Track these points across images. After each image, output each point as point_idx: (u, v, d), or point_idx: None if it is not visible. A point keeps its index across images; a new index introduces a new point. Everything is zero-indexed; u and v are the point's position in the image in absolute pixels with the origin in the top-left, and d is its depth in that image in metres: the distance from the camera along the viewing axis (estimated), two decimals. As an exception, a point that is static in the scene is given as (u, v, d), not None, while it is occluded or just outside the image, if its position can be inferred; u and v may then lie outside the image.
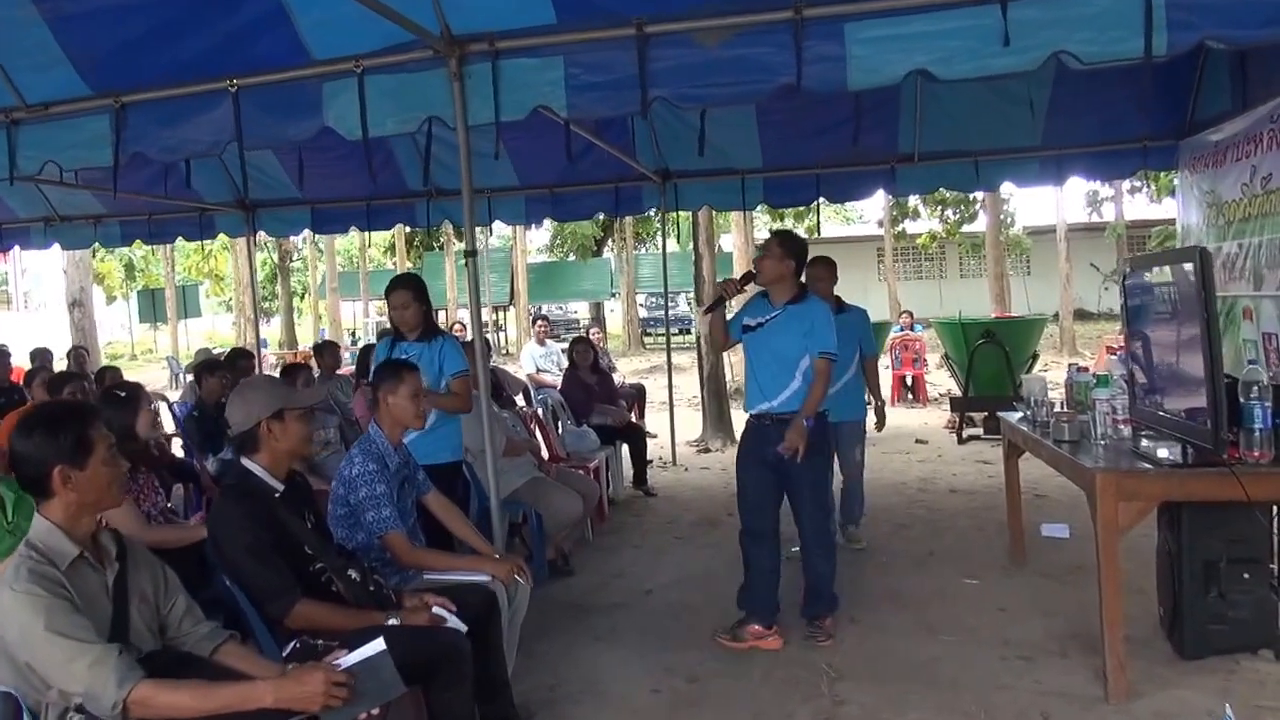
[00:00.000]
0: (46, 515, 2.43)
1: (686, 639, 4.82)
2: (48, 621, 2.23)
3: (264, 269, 41.04)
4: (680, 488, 8.66)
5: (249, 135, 4.49)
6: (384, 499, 3.68)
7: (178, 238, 10.36)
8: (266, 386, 3.26)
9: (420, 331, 4.97)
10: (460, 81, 4.26)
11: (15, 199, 9.21)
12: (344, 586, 3.15)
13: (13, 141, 4.78)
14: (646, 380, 14.19)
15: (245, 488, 3.13)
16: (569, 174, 8.48)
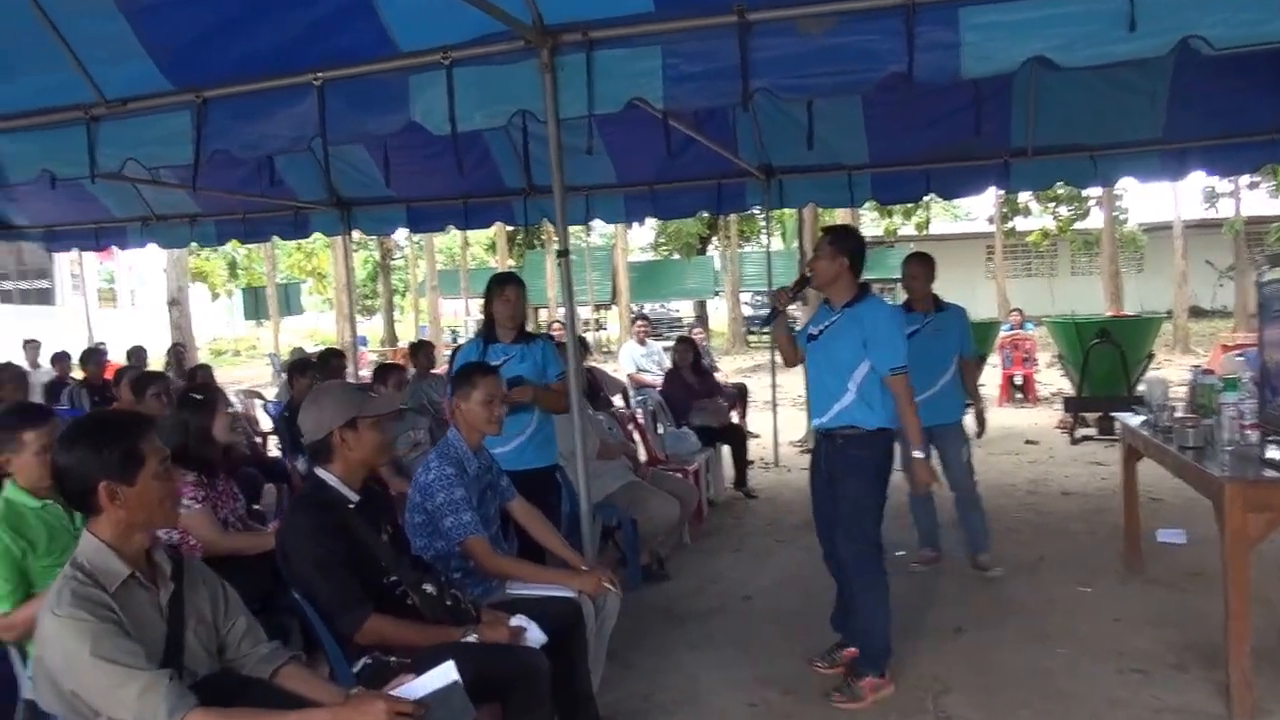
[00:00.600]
0: (95, 533, 2.34)
1: (786, 648, 4.70)
2: (94, 647, 2.14)
3: (366, 267, 42.04)
4: (782, 489, 8.47)
5: (333, 130, 4.43)
6: (463, 503, 3.58)
7: (272, 236, 10.52)
8: (339, 394, 3.18)
9: (514, 334, 4.86)
10: (552, 73, 4.15)
11: (112, 198, 9.47)
12: (419, 600, 3.05)
13: (93, 138, 4.79)
14: (750, 379, 13.99)
15: (318, 499, 3.06)
16: (669, 170, 8.35)
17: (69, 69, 4.61)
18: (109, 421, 2.48)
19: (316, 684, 2.56)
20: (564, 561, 3.87)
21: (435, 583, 3.11)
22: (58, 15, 4.41)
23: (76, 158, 4.85)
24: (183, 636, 2.39)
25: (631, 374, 10.54)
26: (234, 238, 10.37)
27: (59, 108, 4.82)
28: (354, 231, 10.11)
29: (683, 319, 37.63)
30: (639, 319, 12.50)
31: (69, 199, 9.23)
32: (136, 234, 10.29)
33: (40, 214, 10.22)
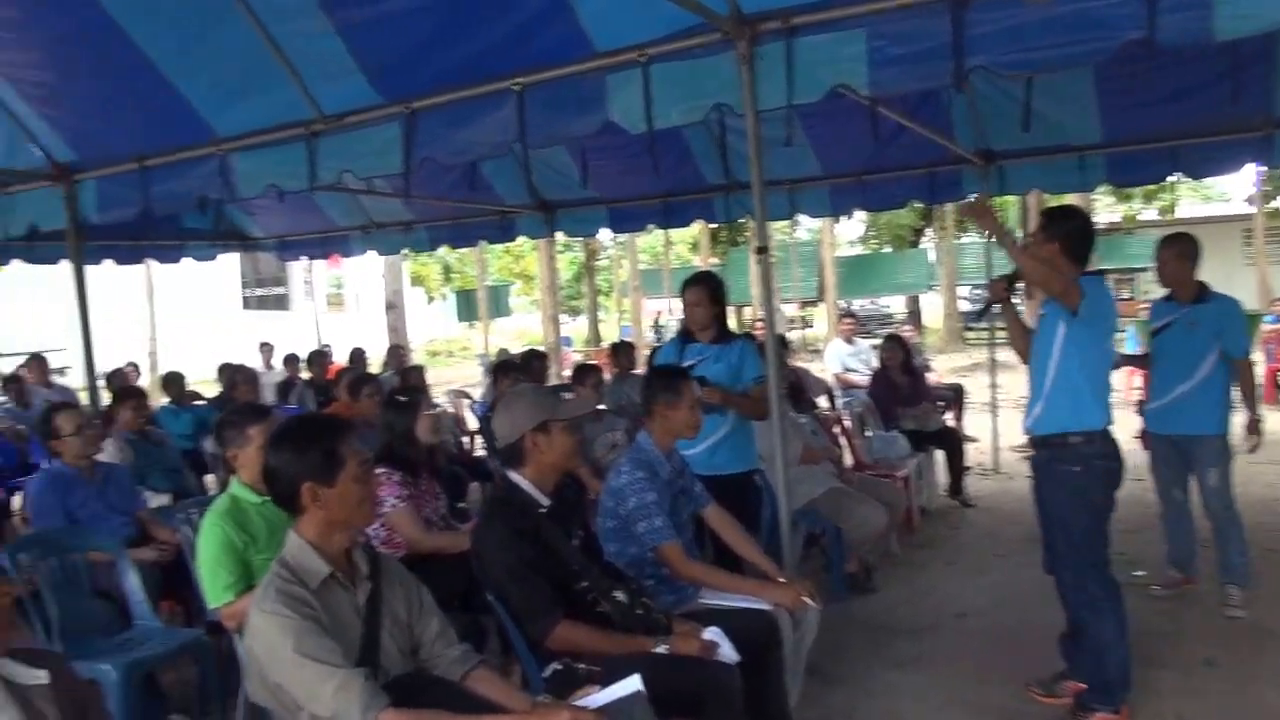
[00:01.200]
0: (300, 533, 2.49)
1: (1003, 673, 4.44)
2: (295, 643, 2.27)
3: (571, 268, 43.18)
4: (1003, 498, 8.06)
5: (532, 134, 4.55)
6: (655, 508, 3.58)
7: (480, 240, 10.94)
8: (531, 397, 3.23)
9: (713, 333, 4.84)
10: (750, 64, 4.09)
11: (336, 209, 10.13)
12: (610, 607, 3.07)
13: (313, 152, 5.10)
14: (966, 379, 13.46)
15: (510, 503, 3.13)
16: (878, 160, 8.09)
17: (291, 89, 4.93)
18: (310, 425, 2.64)
19: (505, 689, 2.61)
20: (761, 572, 3.80)
21: (626, 590, 3.12)
22: (282, 39, 4.73)
23: (298, 171, 5.18)
24: (378, 636, 2.50)
25: (838, 374, 10.34)
26: (444, 242, 10.89)
27: (282, 125, 5.16)
28: (557, 233, 10.36)
29: (894, 315, 36.67)
30: (845, 316, 12.24)
31: (297, 210, 9.95)
32: (357, 241, 10.98)
33: (273, 225, 11.10)
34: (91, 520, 4.61)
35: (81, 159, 5.92)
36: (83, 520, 4.61)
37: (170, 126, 5.35)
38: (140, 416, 6.38)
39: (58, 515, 4.59)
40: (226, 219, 10.46)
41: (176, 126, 5.32)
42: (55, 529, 4.49)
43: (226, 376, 9.01)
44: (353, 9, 4.49)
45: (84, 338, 6.55)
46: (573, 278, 44.02)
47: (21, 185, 6.16)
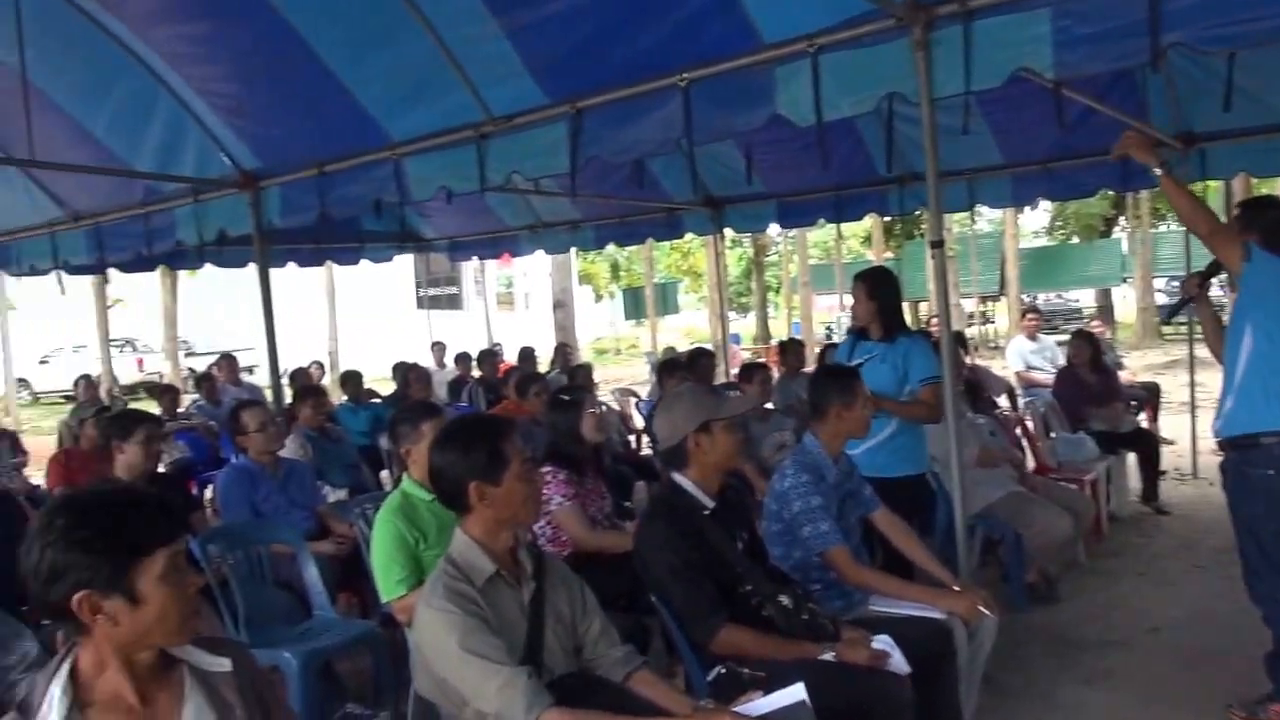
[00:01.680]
0: (467, 531, 2.55)
1: (1200, 694, 4.17)
2: (461, 640, 2.33)
3: (740, 264, 43.11)
4: (1202, 505, 7.55)
5: (698, 130, 4.55)
6: (821, 512, 3.52)
7: (647, 238, 11.03)
8: (691, 398, 3.23)
9: (881, 330, 4.75)
10: (925, 51, 3.98)
11: (505, 209, 10.41)
12: (774, 612, 3.03)
13: (482, 154, 5.26)
14: (1163, 377, 12.77)
15: (673, 504, 3.13)
16: (1064, 146, 7.75)
17: (462, 92, 5.12)
18: (475, 424, 2.71)
19: (667, 692, 2.62)
20: (935, 579, 3.69)
21: (792, 595, 3.07)
22: (453, 44, 4.92)
23: (469, 173, 5.35)
24: (542, 634, 2.54)
25: (1020, 372, 9.96)
26: (611, 240, 11.03)
27: (453, 129, 5.35)
28: (725, 230, 10.35)
29: (1082, 310, 35.06)
30: (1028, 312, 11.78)
31: (469, 212, 10.28)
32: (526, 241, 11.26)
33: (445, 226, 11.51)
34: (274, 514, 4.87)
35: (265, 166, 6.30)
36: (266, 514, 4.87)
37: (347, 133, 5.63)
38: (320, 414, 6.72)
39: (244, 508, 4.87)
40: (402, 221, 10.90)
41: (353, 133, 5.60)
42: (241, 522, 4.75)
43: (400, 375, 9.39)
44: (521, 11, 4.62)
45: (268, 338, 6.95)
46: (741, 274, 43.96)
47: (213, 193, 6.58)
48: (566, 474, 4.22)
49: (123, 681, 1.73)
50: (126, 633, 1.70)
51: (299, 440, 6.23)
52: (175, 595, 1.73)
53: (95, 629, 1.69)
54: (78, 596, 1.65)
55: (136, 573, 1.68)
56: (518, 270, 38.26)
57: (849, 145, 7.93)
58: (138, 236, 7.13)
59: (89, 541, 1.66)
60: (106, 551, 1.66)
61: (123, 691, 1.73)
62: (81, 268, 8.37)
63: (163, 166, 6.42)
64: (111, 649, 1.72)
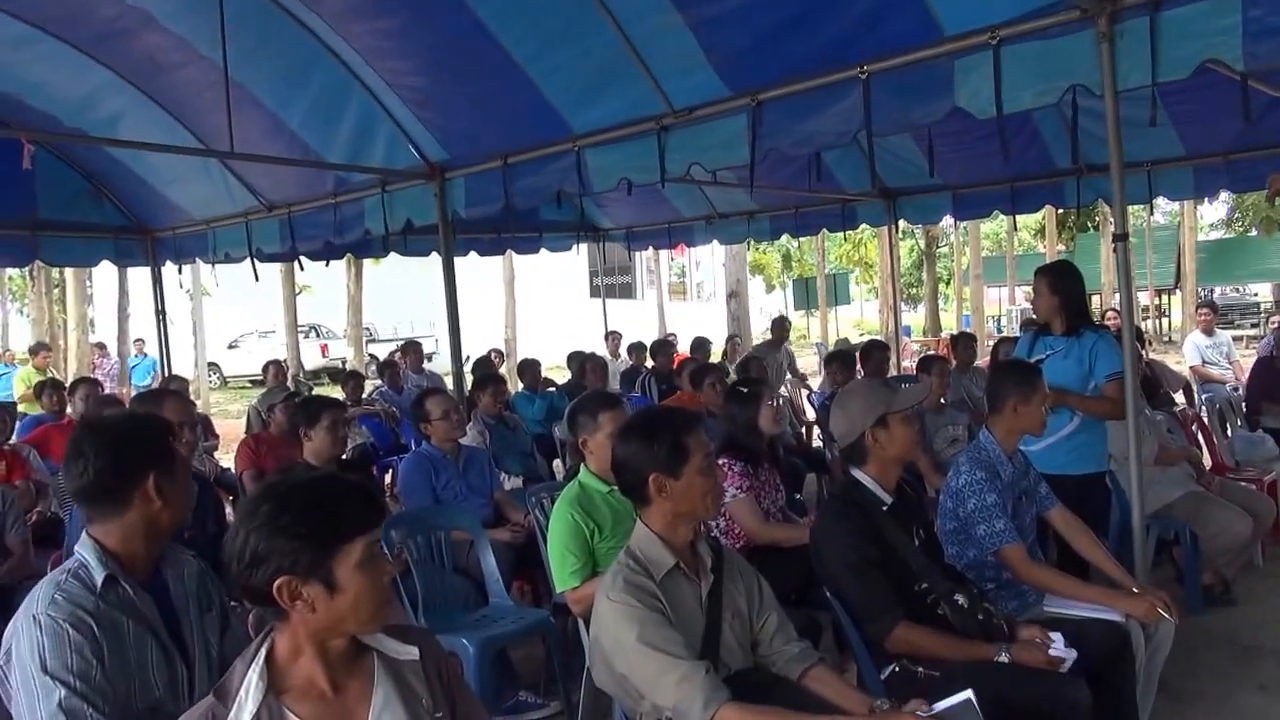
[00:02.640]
0: (647, 523, 2.59)
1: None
2: (640, 633, 2.36)
3: (911, 255, 42.12)
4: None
5: (877, 122, 4.50)
6: (996, 510, 3.44)
7: (821, 229, 10.96)
8: (866, 393, 3.21)
9: (1064, 325, 4.62)
10: (1110, 42, 3.84)
11: (681, 199, 10.50)
12: (949, 611, 2.98)
13: (662, 146, 5.32)
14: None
15: (851, 499, 3.11)
16: (1249, 137, 7.38)
17: (644, 84, 5.22)
18: (659, 416, 2.74)
19: (844, 690, 2.60)
20: (1112, 579, 3.57)
21: (967, 594, 3.02)
22: (637, 37, 5.01)
23: (649, 165, 5.43)
24: (719, 629, 2.56)
25: (1195, 366, 9.49)
26: (786, 231, 11.01)
27: (634, 120, 5.44)
28: (899, 221, 10.20)
29: (1260, 304, 32.90)
30: (1204, 306, 11.20)
31: (645, 202, 10.44)
32: (701, 231, 11.37)
33: (621, 216, 11.71)
34: (454, 500, 4.99)
35: (451, 158, 6.52)
36: (445, 500, 4.99)
37: (531, 125, 5.80)
38: (498, 402, 6.85)
39: (425, 494, 5.00)
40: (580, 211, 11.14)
41: (537, 125, 5.77)
42: (422, 508, 4.86)
43: (576, 364, 9.56)
44: (704, 4, 4.67)
45: (451, 325, 7.18)
46: (912, 265, 42.95)
47: (400, 184, 6.85)
48: (742, 466, 4.23)
49: (316, 668, 1.78)
50: (323, 619, 1.75)
51: (478, 427, 6.41)
52: (371, 583, 1.77)
53: (293, 615, 1.74)
54: (278, 582, 1.70)
55: (336, 560, 1.73)
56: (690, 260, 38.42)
57: (1025, 136, 7.71)
58: (327, 225, 7.43)
59: (292, 528, 1.70)
60: (309, 538, 1.71)
61: (316, 678, 1.78)
62: (274, 255, 8.71)
63: (353, 158, 6.70)
64: (307, 635, 1.77)
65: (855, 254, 40.03)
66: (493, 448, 6.36)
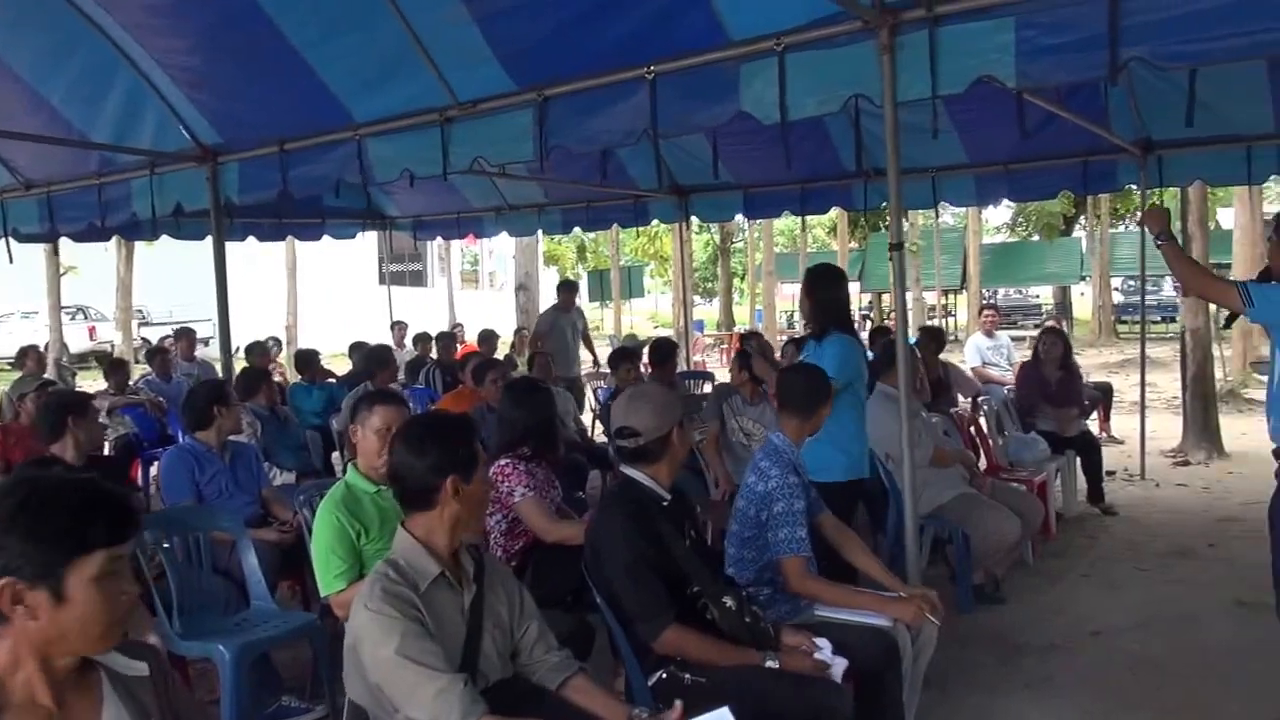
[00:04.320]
0: (411, 530, 2.52)
1: (1143, 701, 4.21)
2: (399, 645, 2.28)
3: (706, 250, 43.10)
4: (1148, 507, 7.70)
5: (663, 123, 4.52)
6: (800, 517, 3.48)
7: (613, 224, 11.04)
8: (664, 395, 3.22)
9: (816, 329, 4.73)
10: (891, 54, 3.97)
11: (471, 190, 10.35)
12: (719, 614, 3.00)
13: (446, 138, 5.20)
14: (1117, 376, 12.93)
15: (632, 497, 3.07)
16: (1027, 148, 7.82)
17: (428, 76, 5.06)
18: (455, 420, 2.72)
19: (603, 699, 2.60)
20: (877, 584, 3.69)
21: (736, 597, 3.04)
22: (421, 28, 4.85)
23: (432, 157, 5.29)
24: (480, 641, 2.51)
25: (976, 368, 10.06)
26: (577, 225, 11.06)
27: (418, 111, 5.28)
28: (691, 217, 10.37)
29: (1041, 307, 35.52)
30: (987, 308, 11.90)
31: (434, 191, 10.22)
32: (491, 223, 11.28)
33: (409, 206, 11.44)
34: (218, 497, 4.75)
35: (225, 142, 6.18)
36: (209, 497, 4.75)
37: (310, 112, 5.54)
38: (270, 393, 6.55)
39: (187, 490, 4.73)
40: (366, 198, 10.80)
41: (316, 112, 5.51)
42: (180, 508, 4.62)
43: (359, 355, 9.26)
44: (491, 0, 4.55)
45: (220, 313, 6.80)
46: (707, 260, 43.95)
47: (170, 166, 6.45)
48: (526, 465, 4.15)
49: (38, 683, 1.64)
50: (45, 631, 1.61)
51: (247, 419, 6.11)
52: (105, 601, 1.64)
53: (14, 621, 1.60)
54: (1, 582, 1.56)
55: (70, 569, 1.59)
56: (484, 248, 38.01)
57: (815, 140, 7.95)
58: (91, 207, 6.99)
59: (28, 527, 1.57)
60: (44, 540, 1.58)
61: (38, 694, 1.64)
62: (32, 236, 8.21)
63: (120, 138, 6.28)
64: (28, 647, 1.62)
65: (651, 247, 40.68)
66: (264, 441, 6.10)
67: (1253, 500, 7.68)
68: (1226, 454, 9.72)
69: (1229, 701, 4.18)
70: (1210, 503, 7.79)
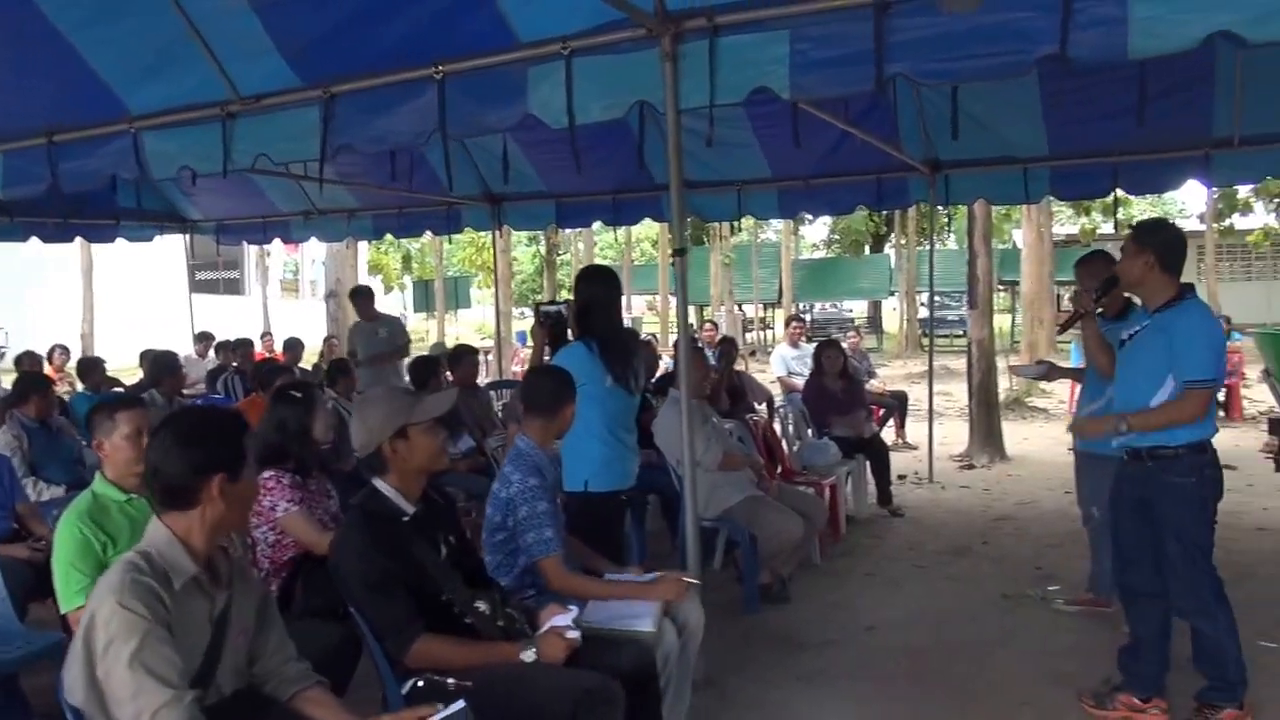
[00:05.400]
0: (171, 526, 2.35)
1: (905, 689, 4.39)
2: (136, 648, 2.12)
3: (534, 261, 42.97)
4: (933, 508, 8.05)
5: (452, 124, 4.41)
6: (546, 517, 3.46)
7: (426, 231, 10.81)
8: (386, 402, 3.09)
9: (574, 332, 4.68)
10: (673, 62, 3.99)
11: (277, 193, 9.91)
12: (475, 619, 2.93)
13: (228, 135, 4.92)
14: (918, 386, 13.49)
15: (371, 511, 2.97)
16: (827, 165, 8.11)
17: (207, 67, 4.75)
18: (222, 416, 2.60)
19: (337, 711, 2.51)
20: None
21: (489, 600, 2.98)
22: (197, 15, 4.55)
23: (212, 154, 4.97)
24: (222, 648, 2.37)
25: (782, 377, 10.31)
26: (389, 231, 10.73)
27: (197, 105, 4.97)
28: (505, 226, 10.26)
29: (854, 320, 37.00)
30: (793, 320, 12.26)
31: (237, 194, 9.78)
32: (300, 227, 10.77)
33: (212, 208, 10.83)
34: (-34, 511, 4.37)
35: (-16, 133, 5.67)
36: (-43, 511, 4.36)
37: (80, 101, 5.12)
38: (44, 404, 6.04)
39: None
40: (161, 199, 10.23)
41: (86, 101, 5.10)
42: None
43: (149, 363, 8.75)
44: (270, -13, 4.34)
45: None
46: (535, 271, 43.81)
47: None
48: (291, 478, 3.93)
49: None
50: None
51: (14, 430, 5.64)
52: None
53: None
54: None
55: None
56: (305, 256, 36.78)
57: (626, 150, 7.98)
58: None
59: None
60: None
61: None
62: None
63: None
64: None
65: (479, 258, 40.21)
66: (32, 454, 5.65)
67: (1026, 500, 8.17)
68: (1008, 458, 10.26)
69: (981, 686, 4.39)
70: (989, 503, 8.19)
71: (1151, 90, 5.43)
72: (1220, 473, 3.88)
